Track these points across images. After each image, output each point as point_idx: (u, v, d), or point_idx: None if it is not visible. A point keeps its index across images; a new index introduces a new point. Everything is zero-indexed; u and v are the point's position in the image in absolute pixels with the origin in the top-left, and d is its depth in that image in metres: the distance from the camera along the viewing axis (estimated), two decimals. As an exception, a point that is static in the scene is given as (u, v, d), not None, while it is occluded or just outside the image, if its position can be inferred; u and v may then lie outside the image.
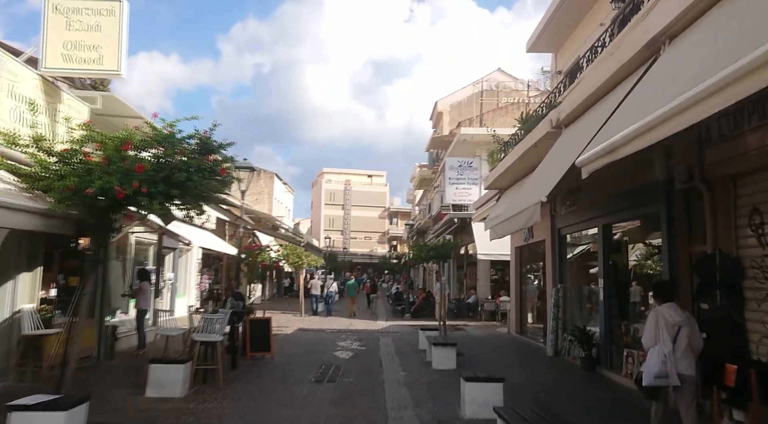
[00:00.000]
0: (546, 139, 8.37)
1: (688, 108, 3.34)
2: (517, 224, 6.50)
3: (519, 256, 16.70)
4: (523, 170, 11.04)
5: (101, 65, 8.94)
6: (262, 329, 11.60)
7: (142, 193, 5.77)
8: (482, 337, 16.64)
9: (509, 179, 12.24)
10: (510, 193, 12.30)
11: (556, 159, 6.64)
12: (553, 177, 5.86)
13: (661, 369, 5.34)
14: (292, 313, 24.45)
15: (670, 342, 5.40)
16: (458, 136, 24.45)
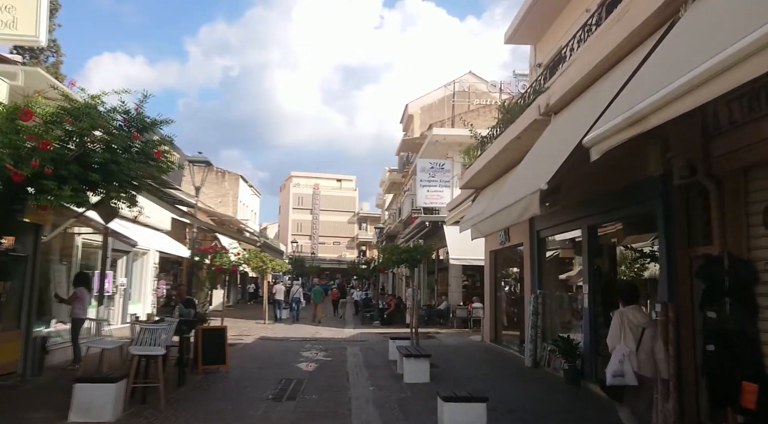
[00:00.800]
0: (531, 129, 7.57)
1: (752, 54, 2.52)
2: (509, 217, 5.61)
3: (494, 260, 15.95)
4: (502, 167, 10.27)
5: (14, 29, 7.67)
6: (216, 340, 10.50)
7: (47, 174, 4.65)
8: (455, 346, 15.80)
9: (487, 178, 11.45)
10: (488, 193, 11.52)
11: (552, 145, 5.82)
12: (552, 163, 5.01)
13: (618, 368, 5.38)
14: (255, 320, 23.25)
15: (634, 343, 5.46)
16: (430, 137, 23.69)
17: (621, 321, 5.62)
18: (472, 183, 12.34)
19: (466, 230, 11.69)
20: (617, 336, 5.61)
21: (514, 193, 5.35)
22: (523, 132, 7.82)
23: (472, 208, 12.26)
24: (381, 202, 61.27)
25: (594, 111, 4.69)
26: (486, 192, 11.89)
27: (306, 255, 65.57)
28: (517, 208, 5.31)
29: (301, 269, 46.79)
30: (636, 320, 5.60)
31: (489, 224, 6.51)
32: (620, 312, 5.76)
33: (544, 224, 11.55)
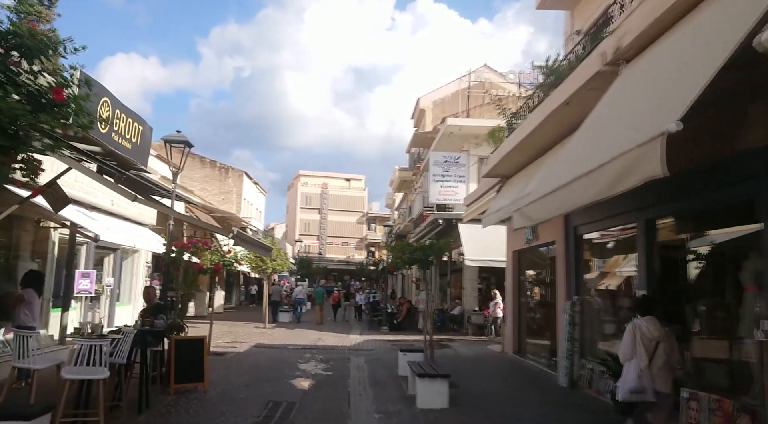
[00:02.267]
0: (587, 89, 5.81)
1: None
2: (595, 187, 3.68)
3: (517, 262, 14.16)
4: (538, 147, 8.51)
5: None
6: (193, 353, 8.79)
7: None
8: (473, 357, 14.02)
9: (517, 162, 9.66)
10: (518, 181, 9.73)
11: (644, 93, 4.00)
12: (678, 94, 3.21)
13: (637, 384, 5.23)
14: (254, 324, 21.58)
15: (647, 357, 5.29)
16: (444, 128, 21.93)
17: (633, 334, 5.40)
18: (497, 171, 10.56)
19: (491, 223, 9.96)
20: (629, 351, 5.40)
21: (599, 153, 3.60)
22: (575, 94, 6.06)
23: (497, 200, 10.49)
24: (390, 202, 59.55)
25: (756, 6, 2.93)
26: (515, 181, 10.10)
27: (313, 256, 64.08)
28: (614, 171, 3.39)
29: (308, 269, 45.14)
30: (649, 332, 5.36)
31: (551, 204, 4.56)
32: (633, 324, 5.52)
33: (582, 219, 9.77)
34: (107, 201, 12.58)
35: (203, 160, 38.60)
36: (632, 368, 5.32)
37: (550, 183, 4.54)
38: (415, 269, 35.78)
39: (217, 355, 12.93)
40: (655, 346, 5.31)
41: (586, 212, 9.49)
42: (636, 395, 5.25)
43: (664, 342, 5.33)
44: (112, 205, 12.93)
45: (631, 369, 5.32)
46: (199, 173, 38.17)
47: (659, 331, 5.39)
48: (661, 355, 5.28)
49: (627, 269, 8.92)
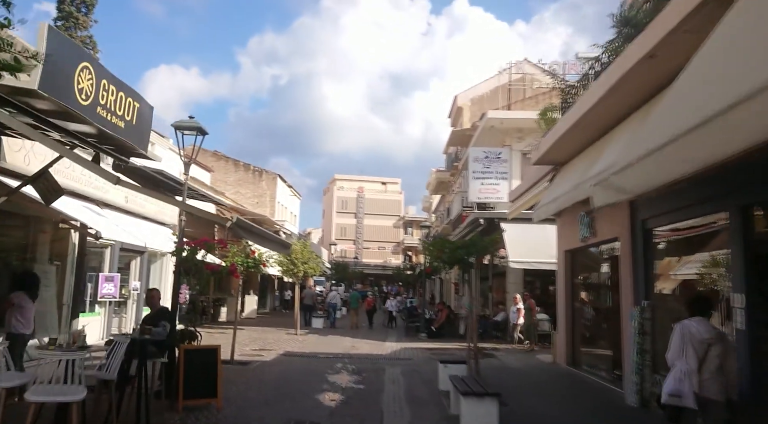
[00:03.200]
0: (683, 32, 4.48)
1: None
2: None
3: (570, 262, 12.72)
4: (603, 124, 7.17)
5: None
6: (205, 364, 7.76)
7: None
8: (522, 369, 12.64)
9: (576, 144, 8.29)
10: (575, 167, 8.37)
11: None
12: None
13: (676, 387, 4.90)
14: (286, 330, 20.64)
15: (695, 360, 4.90)
16: (485, 122, 20.58)
17: (682, 335, 5.06)
18: (550, 156, 9.20)
19: (544, 216, 8.71)
20: (677, 352, 5.06)
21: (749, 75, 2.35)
22: (664, 41, 4.73)
23: (550, 190, 9.14)
24: (427, 205, 58.26)
25: None
26: (572, 167, 8.74)
27: (349, 260, 63.24)
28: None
29: (343, 274, 44.23)
30: (700, 334, 5.01)
31: (664, 164, 3.13)
32: (682, 324, 5.17)
33: (652, 210, 8.36)
34: (120, 198, 11.80)
35: (237, 164, 38.19)
36: (676, 371, 5.00)
37: (655, 139, 3.26)
38: (454, 272, 34.56)
39: (241, 364, 11.96)
40: (706, 349, 4.94)
41: (657, 202, 8.09)
42: (674, 399, 4.91)
43: (716, 345, 4.94)
44: (126, 202, 12.16)
45: (675, 371, 5.01)
46: (233, 176, 37.78)
47: (711, 333, 5.02)
48: (714, 359, 4.91)
49: (707, 269, 7.48)
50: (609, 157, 5.42)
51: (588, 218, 10.67)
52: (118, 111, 5.77)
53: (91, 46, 37.90)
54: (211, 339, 17.13)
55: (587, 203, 9.67)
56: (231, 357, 12.12)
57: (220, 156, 38.19)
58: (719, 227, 6.93)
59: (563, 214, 12.63)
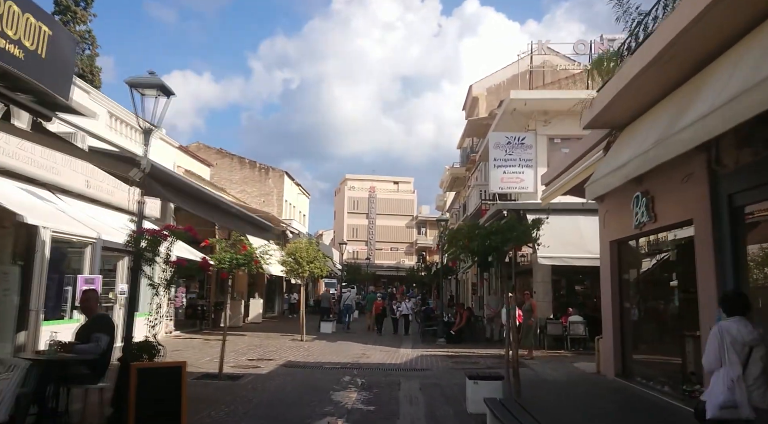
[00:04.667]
0: None
1: None
2: None
3: (618, 255, 10.77)
4: (695, 58, 5.21)
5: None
6: (165, 387, 5.95)
7: None
8: (562, 382, 10.70)
9: (648, 94, 6.26)
10: (647, 126, 6.39)
11: None
12: None
13: (728, 397, 4.34)
14: (291, 336, 18.84)
15: (739, 365, 4.41)
16: (507, 104, 18.64)
17: (721, 338, 4.51)
18: (609, 116, 7.21)
19: (606, 188, 6.85)
20: (715, 358, 4.52)
21: None
22: None
23: (605, 161, 7.18)
24: (441, 204, 56.35)
25: None
26: (642, 126, 6.75)
27: (361, 261, 61.46)
28: None
29: (354, 275, 42.42)
30: (741, 336, 4.46)
31: None
32: (719, 326, 4.64)
33: (743, 183, 6.44)
34: (81, 182, 10.02)
35: (242, 161, 36.57)
36: (722, 379, 4.50)
37: None
38: (472, 272, 32.58)
39: (231, 379, 10.16)
40: (748, 352, 4.49)
41: (749, 172, 6.17)
42: (729, 412, 4.41)
43: (760, 347, 4.51)
44: (87, 187, 10.37)
45: (720, 380, 4.51)
46: (238, 175, 36.17)
47: (752, 334, 4.55)
48: (757, 362, 4.46)
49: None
50: (734, 83, 3.61)
51: (646, 199, 8.73)
52: (13, 33, 3.98)
53: (90, 41, 36.59)
54: (207, 347, 15.45)
55: (641, 182, 7.75)
56: (219, 370, 10.31)
57: (224, 154, 36.61)
58: None
59: (608, 198, 10.69)
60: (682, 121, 4.63)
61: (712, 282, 6.98)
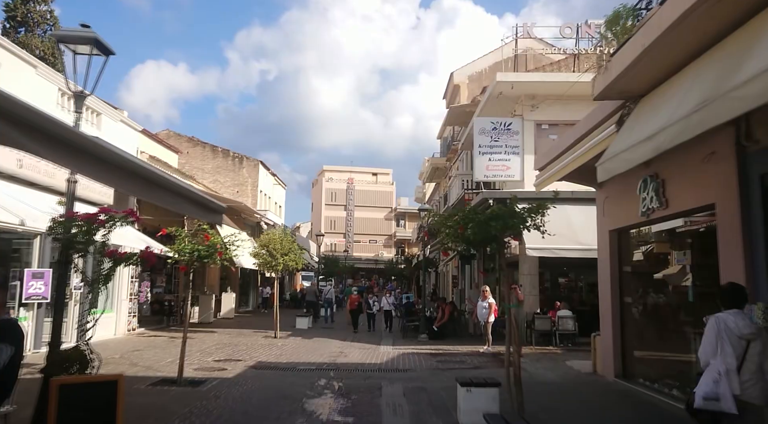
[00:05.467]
0: None
1: None
2: None
3: (618, 245, 9.90)
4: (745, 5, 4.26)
5: None
6: (95, 407, 4.84)
7: None
8: (558, 384, 9.80)
9: (679, 53, 5.27)
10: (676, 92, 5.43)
11: None
12: None
13: (712, 389, 4.35)
14: (264, 333, 17.72)
15: (734, 358, 4.36)
16: (493, 88, 17.68)
17: (718, 330, 4.45)
18: (623, 84, 6.21)
19: (627, 165, 5.87)
20: (712, 350, 4.48)
21: None
22: None
23: (621, 136, 6.20)
24: (420, 195, 55.46)
25: None
26: (662, 97, 5.80)
27: (339, 254, 60.34)
28: None
29: (333, 268, 41.35)
30: (738, 329, 4.39)
31: None
32: (717, 318, 4.54)
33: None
34: (11, 162, 8.77)
35: (215, 150, 35.08)
36: (711, 370, 4.41)
37: None
38: (453, 264, 31.73)
39: (192, 385, 9.04)
40: (745, 346, 4.35)
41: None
42: (710, 403, 4.32)
43: (756, 342, 4.36)
44: (20, 167, 9.12)
45: (709, 371, 4.42)
46: (210, 164, 34.67)
47: (750, 327, 4.42)
48: (754, 357, 4.32)
49: None
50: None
51: (655, 183, 7.84)
52: None
53: (53, 21, 34.65)
54: (171, 346, 14.19)
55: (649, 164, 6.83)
56: (179, 375, 9.17)
57: (196, 142, 35.06)
58: None
59: (609, 183, 9.79)
60: (740, 75, 3.68)
61: (740, 273, 6.09)
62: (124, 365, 10.85)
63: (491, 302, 14.75)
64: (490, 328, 14.71)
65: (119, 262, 5.86)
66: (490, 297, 14.88)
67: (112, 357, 11.81)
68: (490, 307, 14.67)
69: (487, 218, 6.09)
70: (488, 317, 14.65)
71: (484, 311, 14.75)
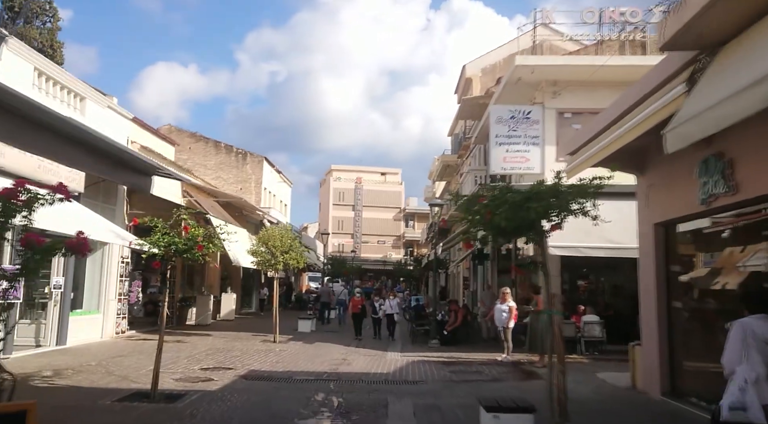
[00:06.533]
0: None
1: None
2: None
3: (663, 241, 8.51)
4: None
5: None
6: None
7: None
8: (596, 403, 8.40)
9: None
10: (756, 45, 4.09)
11: None
12: None
13: (738, 399, 4.08)
14: (263, 336, 16.44)
15: (762, 365, 4.10)
16: (511, 73, 16.30)
17: (743, 335, 4.23)
18: (703, 25, 4.85)
19: (710, 129, 4.44)
20: (737, 357, 4.22)
21: None
22: None
23: (696, 95, 4.84)
24: (430, 195, 54.07)
25: None
26: (759, 42, 4.43)
27: (347, 255, 59.06)
28: None
29: (340, 268, 40.05)
30: (765, 334, 4.18)
31: None
32: (741, 323, 4.34)
33: None
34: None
35: (218, 145, 33.93)
36: (736, 378, 4.15)
37: None
38: (464, 265, 30.29)
39: (168, 399, 7.76)
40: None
41: None
42: (736, 414, 4.04)
43: None
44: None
45: (735, 380, 4.16)
46: (213, 160, 33.52)
47: None
48: None
49: None
50: None
51: (721, 164, 6.46)
52: None
53: (51, 13, 33.68)
54: None
55: (710, 142, 5.38)
56: (152, 388, 7.87)
57: (198, 137, 33.95)
58: None
59: (654, 168, 8.44)
60: None
61: None
62: (97, 375, 9.60)
63: (511, 305, 13.38)
64: (510, 334, 13.32)
65: (38, 252, 4.55)
66: (510, 300, 13.53)
67: (88, 365, 10.58)
68: (510, 311, 13.28)
69: (523, 199, 4.75)
70: (508, 322, 13.26)
71: (504, 316, 13.35)
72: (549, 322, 5.86)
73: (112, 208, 14.88)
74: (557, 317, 6.46)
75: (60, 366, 10.24)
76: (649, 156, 8.51)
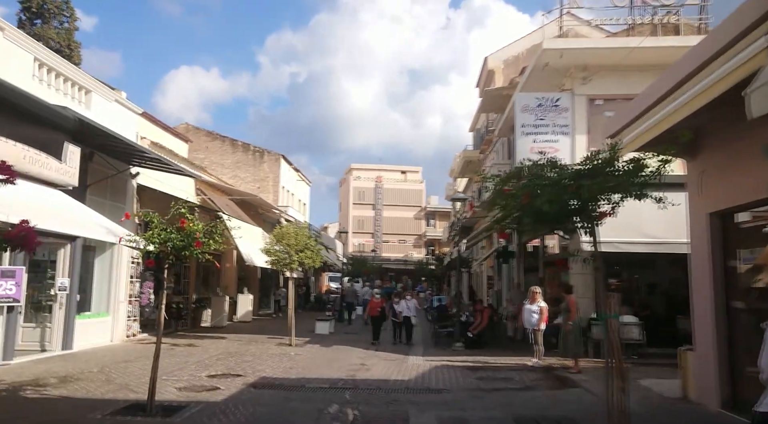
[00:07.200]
0: None
1: None
2: None
3: (720, 234, 7.50)
4: None
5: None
6: None
7: None
8: (646, 417, 7.42)
9: None
10: None
11: None
12: None
13: None
14: (280, 339, 15.71)
15: None
16: (538, 57, 15.31)
17: None
18: None
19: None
20: None
21: None
22: None
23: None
24: (451, 193, 52.98)
25: None
26: None
27: (367, 254, 58.34)
28: None
29: (360, 267, 39.25)
30: None
31: None
32: None
33: None
34: None
35: (234, 143, 33.39)
36: None
37: None
38: (487, 264, 29.22)
39: (165, 412, 7.00)
40: None
41: None
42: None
43: None
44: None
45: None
46: (230, 158, 32.99)
47: None
48: None
49: None
50: None
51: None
52: None
53: (68, 13, 33.51)
54: (169, 356, 11.97)
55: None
56: (149, 400, 7.11)
57: (215, 136, 33.47)
58: None
59: (708, 151, 7.45)
60: None
61: None
62: (95, 383, 8.91)
63: (542, 305, 12.42)
64: (541, 337, 12.35)
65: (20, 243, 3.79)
66: (541, 300, 12.58)
67: (89, 371, 9.91)
68: (540, 312, 12.32)
69: (574, 175, 3.86)
70: (539, 324, 12.30)
71: (534, 317, 12.40)
72: (605, 327, 4.90)
73: (121, 207, 14.32)
74: (615, 322, 5.48)
75: (59, 373, 9.59)
76: (701, 137, 7.52)
